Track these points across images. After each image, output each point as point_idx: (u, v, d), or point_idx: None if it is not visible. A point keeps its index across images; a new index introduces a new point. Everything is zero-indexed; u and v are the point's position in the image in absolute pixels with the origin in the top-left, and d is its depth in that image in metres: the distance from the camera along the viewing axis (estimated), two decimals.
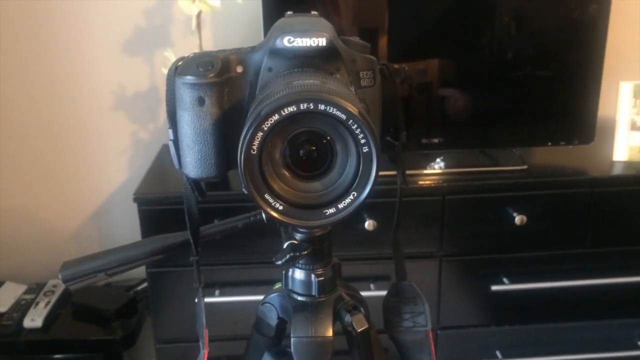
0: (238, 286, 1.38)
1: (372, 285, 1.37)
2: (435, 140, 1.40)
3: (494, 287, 1.41)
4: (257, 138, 0.48)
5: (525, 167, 1.43)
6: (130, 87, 1.61)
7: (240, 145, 0.49)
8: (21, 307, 1.55)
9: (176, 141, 0.61)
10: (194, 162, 0.59)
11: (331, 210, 0.51)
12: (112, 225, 1.72)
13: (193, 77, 0.58)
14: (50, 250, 1.71)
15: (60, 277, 0.67)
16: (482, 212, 1.40)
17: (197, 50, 0.79)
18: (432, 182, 1.38)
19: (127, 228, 1.64)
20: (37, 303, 1.55)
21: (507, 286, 1.41)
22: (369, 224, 1.30)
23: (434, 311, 1.43)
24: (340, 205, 0.51)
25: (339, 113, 0.48)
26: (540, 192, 1.39)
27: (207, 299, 1.31)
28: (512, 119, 1.46)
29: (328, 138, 0.52)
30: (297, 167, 0.53)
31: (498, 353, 1.48)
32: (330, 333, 0.62)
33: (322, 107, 0.47)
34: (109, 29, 1.57)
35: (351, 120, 0.48)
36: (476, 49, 1.42)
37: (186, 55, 0.61)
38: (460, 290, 1.45)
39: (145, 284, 1.55)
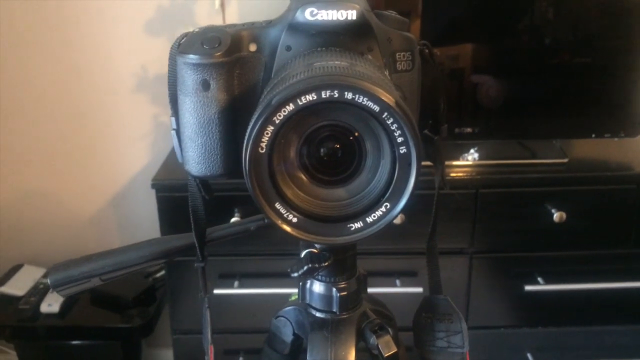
0: (258, 278, 1.34)
1: (397, 281, 1.32)
2: (469, 130, 1.33)
3: (528, 287, 1.35)
4: (267, 133, 0.39)
5: (565, 160, 1.36)
6: (151, 68, 1.58)
7: (245, 140, 0.40)
8: (39, 291, 1.53)
9: (179, 131, 0.52)
10: (197, 156, 0.50)
11: (357, 225, 0.41)
12: (132, 210, 1.70)
13: (196, 56, 0.49)
14: (69, 233, 1.70)
15: (48, 281, 0.59)
16: (518, 208, 1.33)
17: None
18: (464, 174, 1.32)
19: (146, 213, 1.63)
20: None
21: (541, 286, 1.35)
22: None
23: (463, 310, 1.39)
24: (369, 219, 0.41)
25: (370, 104, 0.38)
26: (582, 188, 1.32)
27: (226, 291, 1.28)
28: (552, 109, 1.39)
29: (356, 134, 0.42)
30: (316, 169, 0.43)
31: (529, 356, 1.43)
32: (352, 357, 0.54)
33: (349, 95, 0.38)
34: (130, 8, 1.53)
35: (386, 113, 0.38)
36: (514, 34, 1.35)
37: (192, 30, 0.52)
38: (491, 289, 1.40)
39: (164, 272, 1.53)
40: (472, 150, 1.35)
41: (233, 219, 1.24)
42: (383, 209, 0.41)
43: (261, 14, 1.50)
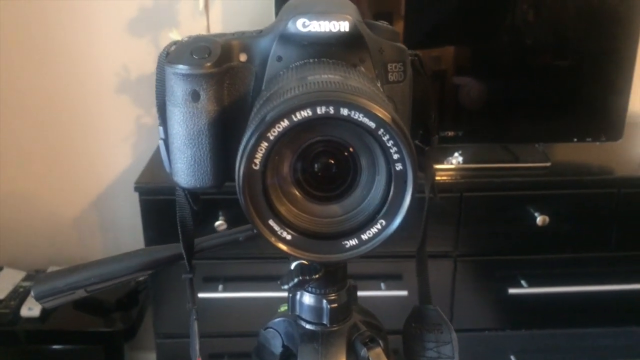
0: (243, 281, 1.34)
1: (382, 285, 1.33)
2: (452, 133, 1.32)
3: (512, 290, 1.36)
4: (261, 149, 0.38)
5: (548, 164, 1.36)
6: (134, 69, 1.56)
7: (239, 157, 0.39)
8: (19, 295, 1.51)
9: (167, 141, 0.51)
10: (186, 168, 0.49)
11: (352, 242, 0.41)
12: (114, 213, 1.68)
13: (186, 67, 0.47)
14: (50, 236, 1.69)
15: (32, 293, 0.58)
16: (501, 211, 1.34)
17: (204, 32, 0.69)
18: (448, 177, 1.32)
19: (129, 215, 1.61)
20: None
21: (525, 289, 1.36)
22: None
23: (447, 313, 1.38)
24: (364, 237, 0.40)
25: (366, 120, 0.37)
26: (564, 192, 1.33)
27: (210, 294, 1.27)
28: (535, 113, 1.39)
29: (351, 150, 0.42)
30: (310, 185, 0.43)
31: (512, 358, 1.44)
32: None
33: (344, 111, 0.37)
34: (112, 7, 1.51)
35: (382, 129, 0.37)
36: (496, 36, 1.35)
37: (182, 39, 0.51)
38: (475, 292, 1.41)
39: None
40: (456, 154, 1.35)
41: (217, 223, 1.23)
42: (378, 226, 0.40)
43: (244, 16, 1.50)
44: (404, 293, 1.28)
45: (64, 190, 1.66)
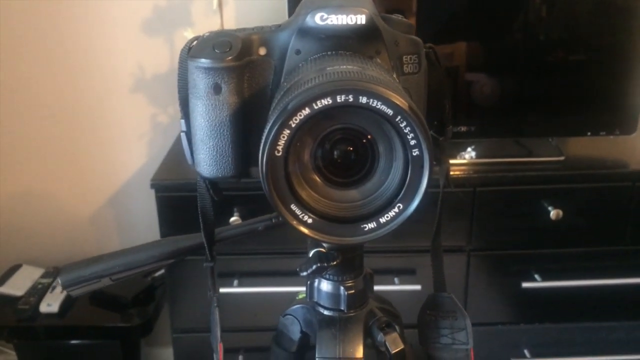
0: (257, 276, 1.34)
1: (396, 279, 1.33)
2: (465, 129, 1.33)
3: (525, 284, 1.35)
4: (283, 137, 0.40)
5: (562, 158, 1.36)
6: (149, 68, 1.58)
7: (262, 144, 0.41)
8: (38, 292, 1.53)
9: (189, 134, 0.53)
10: (208, 158, 0.51)
11: (371, 225, 0.42)
12: (131, 211, 1.70)
13: (208, 60, 0.49)
14: (68, 234, 1.70)
15: (59, 281, 0.60)
16: (515, 206, 1.34)
17: (217, 29, 0.71)
18: (462, 172, 1.32)
19: (145, 213, 1.62)
20: (54, 287, 1.53)
21: (538, 283, 1.36)
22: None
23: None
24: (382, 220, 0.42)
25: (384, 107, 0.39)
26: (578, 186, 1.33)
27: (225, 289, 1.29)
28: (548, 107, 1.39)
29: (369, 137, 0.43)
30: (330, 171, 0.44)
31: (526, 352, 1.44)
32: (360, 354, 0.55)
33: (363, 99, 0.39)
34: (127, 7, 1.53)
35: (399, 117, 0.39)
36: (508, 32, 1.35)
37: (202, 34, 0.53)
38: (488, 287, 1.40)
39: (163, 271, 1.51)
40: (469, 149, 1.35)
41: (232, 219, 1.25)
42: (396, 209, 0.42)
43: (259, 13, 1.51)
44: (418, 287, 1.29)
45: (81, 189, 1.68)
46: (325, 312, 0.58)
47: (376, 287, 0.61)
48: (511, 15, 1.33)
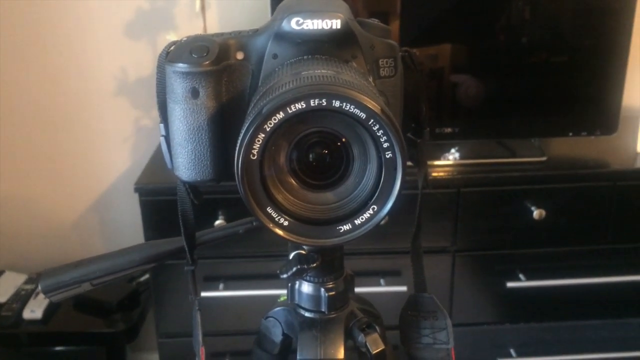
0: (243, 280, 1.34)
1: (382, 281, 1.33)
2: (449, 130, 1.33)
3: (510, 284, 1.36)
4: (258, 140, 0.40)
5: (544, 158, 1.37)
6: (132, 72, 1.57)
7: (237, 148, 0.41)
8: (21, 298, 1.52)
9: (168, 138, 0.53)
10: (187, 162, 0.51)
11: (346, 227, 0.43)
12: (115, 215, 1.69)
13: (185, 65, 0.50)
14: (51, 239, 1.69)
15: (39, 287, 0.60)
16: (499, 206, 1.35)
17: (200, 33, 0.71)
18: (446, 173, 1.33)
19: (129, 217, 1.62)
20: (37, 294, 1.52)
21: (523, 283, 1.37)
22: None
23: (446, 307, 1.39)
24: (357, 221, 0.43)
25: (357, 111, 0.39)
26: (560, 185, 1.34)
27: (211, 293, 1.29)
28: (530, 108, 1.40)
29: (343, 140, 0.44)
30: (305, 174, 0.45)
31: (512, 351, 1.45)
32: (341, 355, 0.55)
33: (336, 103, 0.39)
34: (109, 10, 1.52)
35: (372, 120, 0.40)
36: (492, 33, 1.36)
37: (180, 39, 0.53)
38: (474, 287, 1.41)
39: (147, 276, 1.52)
40: (452, 150, 1.36)
41: (217, 222, 1.25)
42: (370, 211, 0.43)
43: (241, 17, 1.51)
44: (403, 289, 1.30)
45: (64, 193, 1.67)
46: (307, 314, 0.58)
47: (362, 289, 0.61)
48: (495, 17, 1.34)
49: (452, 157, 1.35)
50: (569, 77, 1.37)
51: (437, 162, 1.35)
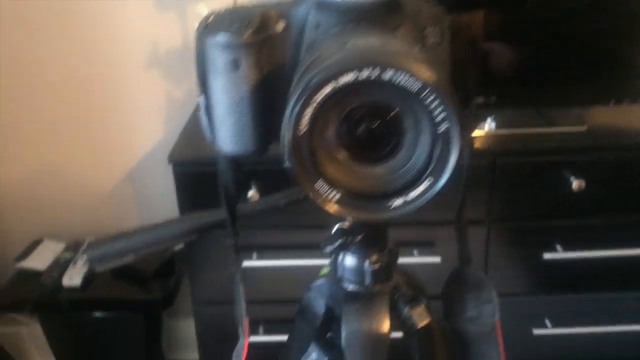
0: (276, 249, 1.34)
1: (415, 251, 1.32)
2: (484, 99, 1.30)
3: (547, 255, 1.34)
4: (307, 113, 0.39)
5: (584, 128, 1.34)
6: (163, 44, 1.57)
7: (285, 121, 0.40)
8: (60, 266, 1.54)
9: (208, 110, 0.53)
10: (229, 135, 0.51)
11: (398, 202, 0.42)
12: (149, 185, 1.71)
13: (226, 37, 0.49)
14: (87, 208, 1.72)
15: (86, 257, 0.61)
16: (536, 176, 1.32)
17: (231, 4, 0.70)
18: (481, 144, 1.30)
19: (163, 188, 1.62)
20: (76, 262, 1.55)
21: (560, 254, 1.34)
22: None
23: None
24: (411, 195, 0.41)
25: (410, 82, 0.38)
26: (601, 156, 1.30)
27: (245, 263, 1.29)
28: (570, 76, 1.35)
29: (394, 112, 0.42)
30: (355, 147, 0.43)
31: (548, 322, 1.43)
32: (386, 328, 0.55)
33: (389, 74, 0.38)
34: None
35: (426, 91, 0.38)
36: None
37: (218, 9, 0.52)
38: (509, 258, 1.40)
39: (182, 245, 1.51)
40: (488, 120, 1.33)
41: (250, 193, 1.25)
42: (425, 184, 0.41)
43: None
44: (437, 260, 1.28)
45: (99, 164, 1.69)
46: (350, 287, 0.58)
47: None
48: None
49: (488, 126, 1.33)
50: (609, 42, 1.33)
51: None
